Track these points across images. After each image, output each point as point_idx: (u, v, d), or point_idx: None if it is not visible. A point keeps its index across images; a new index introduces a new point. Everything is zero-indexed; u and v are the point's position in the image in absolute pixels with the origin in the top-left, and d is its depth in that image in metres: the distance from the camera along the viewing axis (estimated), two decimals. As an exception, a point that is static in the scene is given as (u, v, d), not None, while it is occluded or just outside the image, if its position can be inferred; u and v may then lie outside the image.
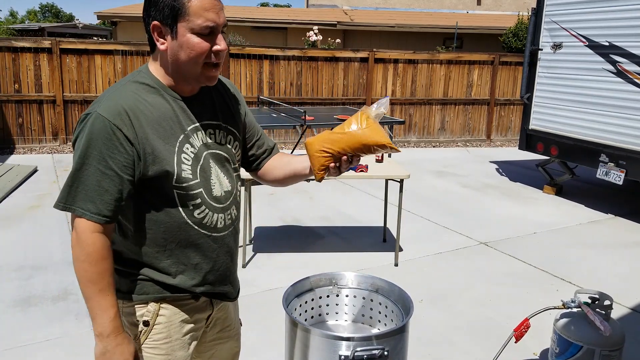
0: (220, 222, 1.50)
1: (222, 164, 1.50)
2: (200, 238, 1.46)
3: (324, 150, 1.46)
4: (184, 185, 1.40)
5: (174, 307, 1.49)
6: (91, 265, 1.31)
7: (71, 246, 1.34)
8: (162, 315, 1.47)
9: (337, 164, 1.47)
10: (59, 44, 8.11)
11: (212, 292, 1.54)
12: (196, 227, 1.44)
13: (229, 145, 1.53)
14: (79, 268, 1.33)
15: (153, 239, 1.42)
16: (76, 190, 1.31)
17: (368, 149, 1.43)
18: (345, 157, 1.45)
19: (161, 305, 1.47)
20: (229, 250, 1.56)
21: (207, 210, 1.45)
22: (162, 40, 1.36)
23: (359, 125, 1.42)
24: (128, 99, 1.35)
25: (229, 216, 1.52)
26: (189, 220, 1.43)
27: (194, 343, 1.56)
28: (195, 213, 1.43)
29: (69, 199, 1.32)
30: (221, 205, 1.49)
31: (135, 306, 1.46)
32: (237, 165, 1.58)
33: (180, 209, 1.41)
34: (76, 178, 1.32)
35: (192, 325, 1.53)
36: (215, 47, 1.33)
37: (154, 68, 1.42)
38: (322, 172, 1.49)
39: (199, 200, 1.43)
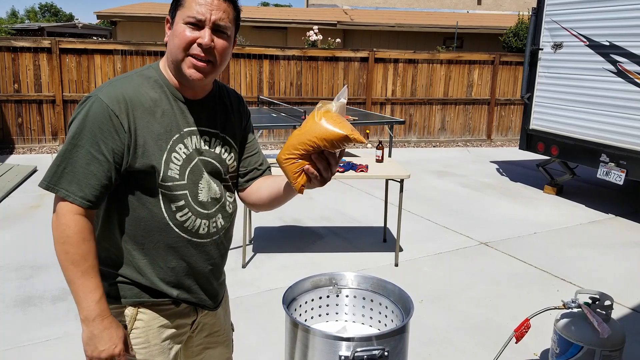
0: (203, 229, 1.47)
1: (212, 173, 1.48)
2: (180, 241, 1.44)
3: (288, 157, 1.34)
4: (168, 184, 1.39)
5: (152, 312, 1.47)
6: (73, 247, 1.29)
7: (52, 228, 1.31)
8: (140, 319, 1.46)
9: (316, 169, 1.33)
10: (58, 44, 8.10)
11: (187, 300, 1.51)
12: (176, 230, 1.43)
13: (223, 156, 1.51)
14: (60, 251, 1.30)
15: (132, 236, 1.41)
16: (63, 170, 1.30)
17: (331, 143, 1.29)
18: (315, 156, 1.31)
19: (139, 309, 1.45)
20: (209, 259, 1.52)
21: (190, 214, 1.44)
22: (168, 32, 1.40)
23: (314, 120, 1.31)
24: (130, 89, 1.36)
25: (214, 224, 1.49)
26: (170, 222, 1.41)
27: (176, 348, 1.52)
28: (178, 215, 1.42)
29: (54, 179, 1.30)
30: (206, 212, 1.47)
31: (114, 310, 1.44)
32: (228, 176, 1.55)
33: (163, 209, 1.40)
34: (65, 158, 1.30)
35: (172, 330, 1.50)
36: (198, 40, 1.33)
37: (163, 64, 1.44)
38: (297, 179, 1.35)
39: (182, 202, 1.42)
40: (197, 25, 1.33)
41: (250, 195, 1.62)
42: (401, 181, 4.15)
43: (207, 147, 1.47)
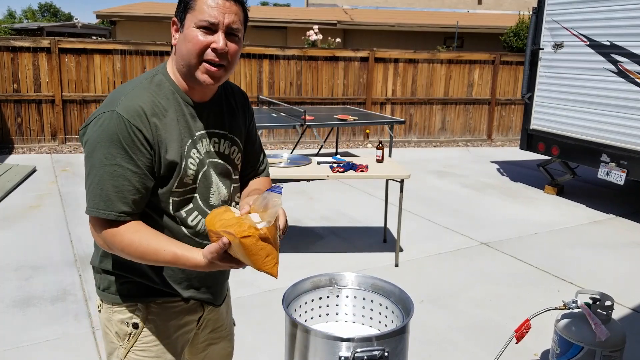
0: None
1: (222, 174, 1.50)
2: (192, 244, 1.43)
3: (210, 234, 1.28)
4: (182, 190, 1.40)
5: (163, 310, 1.49)
6: (143, 247, 1.30)
7: (114, 251, 1.33)
8: (151, 317, 1.47)
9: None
10: (57, 44, 8.09)
11: (196, 297, 1.53)
12: (188, 235, 1.44)
13: (232, 156, 1.53)
14: (137, 257, 1.31)
15: None
16: (107, 194, 1.30)
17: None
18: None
19: (150, 307, 1.47)
20: None
21: (200, 217, 1.45)
22: (175, 35, 1.39)
23: (235, 236, 1.19)
24: (146, 101, 1.35)
25: None
26: (182, 227, 1.43)
27: (185, 344, 1.56)
28: (189, 220, 1.43)
29: (102, 204, 1.30)
30: None
31: (125, 309, 1.46)
32: (237, 176, 1.57)
33: (175, 215, 1.41)
34: (104, 181, 1.30)
35: (182, 327, 1.53)
36: (212, 45, 1.33)
37: (171, 68, 1.43)
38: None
39: (191, 206, 1.43)
40: (210, 29, 1.32)
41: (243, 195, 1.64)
42: (401, 181, 4.15)
43: (217, 149, 1.48)
